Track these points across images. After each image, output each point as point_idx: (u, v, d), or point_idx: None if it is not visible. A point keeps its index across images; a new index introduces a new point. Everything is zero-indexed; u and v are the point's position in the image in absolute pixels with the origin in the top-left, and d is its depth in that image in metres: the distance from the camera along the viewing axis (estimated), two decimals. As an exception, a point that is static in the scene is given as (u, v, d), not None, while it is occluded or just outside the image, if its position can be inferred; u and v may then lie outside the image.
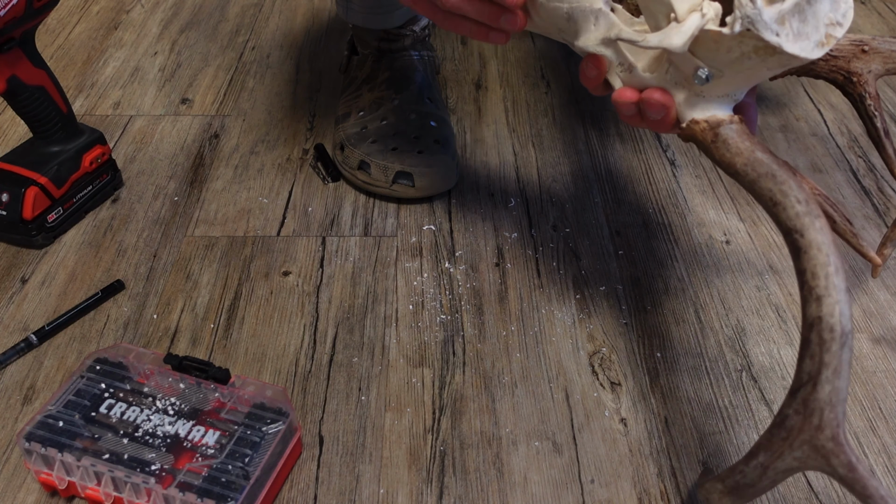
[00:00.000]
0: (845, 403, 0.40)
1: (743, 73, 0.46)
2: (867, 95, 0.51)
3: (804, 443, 0.41)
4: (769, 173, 0.45)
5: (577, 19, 0.51)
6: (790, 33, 0.44)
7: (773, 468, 0.42)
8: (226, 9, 1.12)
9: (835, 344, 0.40)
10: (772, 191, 0.45)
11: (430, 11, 0.55)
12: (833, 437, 0.40)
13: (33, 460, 0.52)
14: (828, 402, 0.40)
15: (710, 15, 0.45)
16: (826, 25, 0.44)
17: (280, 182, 0.81)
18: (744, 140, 0.47)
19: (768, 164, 0.45)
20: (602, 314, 0.67)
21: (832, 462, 0.40)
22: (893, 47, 0.53)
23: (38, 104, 0.70)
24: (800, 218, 0.43)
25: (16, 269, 0.71)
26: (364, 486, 0.54)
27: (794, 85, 0.97)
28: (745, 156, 0.46)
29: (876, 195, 0.80)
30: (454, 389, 0.61)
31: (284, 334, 0.65)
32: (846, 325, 0.40)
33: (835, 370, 0.40)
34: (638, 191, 0.80)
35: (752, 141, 0.46)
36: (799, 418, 0.41)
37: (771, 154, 0.46)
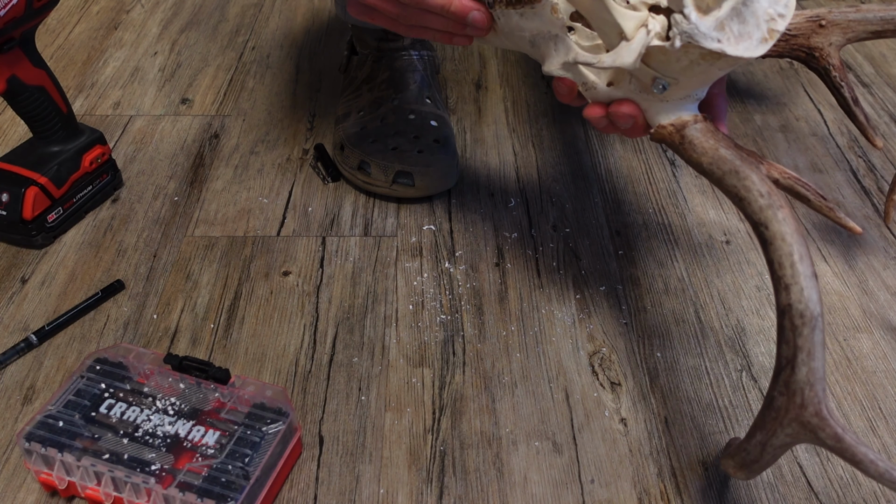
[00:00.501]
0: (824, 381, 0.43)
1: (696, 76, 0.48)
2: (831, 68, 0.52)
3: (792, 421, 0.43)
4: (732, 170, 0.47)
5: (539, 45, 0.53)
6: (731, 37, 0.45)
7: (770, 445, 0.45)
8: (226, 9, 1.12)
9: (806, 328, 0.43)
10: (736, 187, 0.47)
11: (392, 25, 0.55)
12: (816, 413, 0.43)
13: (33, 460, 0.52)
14: (806, 382, 0.43)
15: (655, 29, 0.47)
16: (767, 21, 0.46)
17: (280, 182, 0.81)
18: (708, 139, 0.48)
19: (731, 161, 0.47)
20: (602, 314, 0.67)
21: (820, 435, 0.43)
22: (850, 17, 0.54)
23: (38, 104, 0.70)
24: (763, 211, 0.45)
25: (16, 269, 0.71)
26: (364, 486, 0.54)
27: (794, 85, 0.97)
28: (710, 154, 0.48)
29: (876, 195, 0.80)
30: (454, 389, 0.61)
31: (284, 334, 0.65)
32: (814, 309, 0.43)
33: (809, 353, 0.43)
34: (638, 191, 0.80)
35: (716, 138, 0.48)
36: (783, 399, 0.44)
37: (735, 149, 0.47)
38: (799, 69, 1.00)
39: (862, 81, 0.98)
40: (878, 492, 0.54)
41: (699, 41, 0.45)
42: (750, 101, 0.94)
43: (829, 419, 0.43)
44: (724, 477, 0.55)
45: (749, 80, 0.98)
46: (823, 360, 0.43)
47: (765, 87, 0.96)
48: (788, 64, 1.01)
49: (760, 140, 0.88)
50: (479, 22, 0.52)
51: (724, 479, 0.55)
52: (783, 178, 0.49)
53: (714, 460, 0.56)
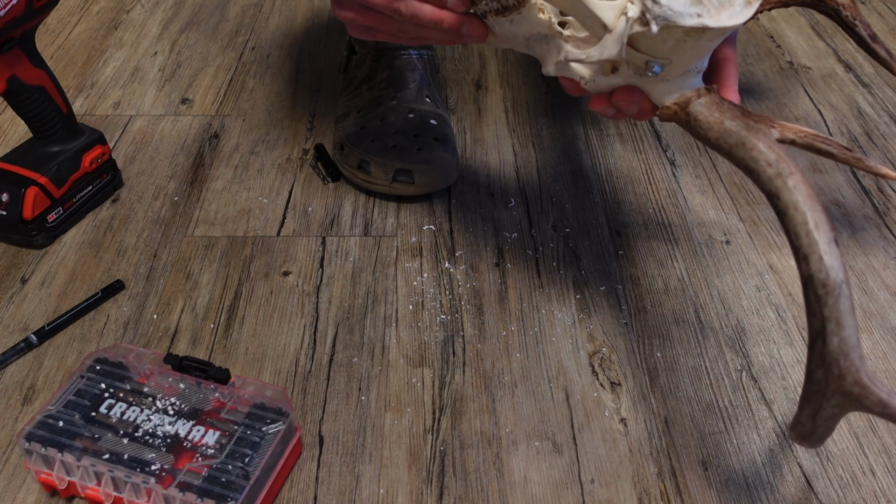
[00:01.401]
0: (859, 348, 0.41)
1: (688, 53, 0.46)
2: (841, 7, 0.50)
3: (834, 392, 0.42)
4: (738, 142, 0.46)
5: (533, 47, 0.53)
6: (710, 8, 0.44)
7: (820, 417, 0.44)
8: (226, 9, 1.12)
9: (830, 297, 0.41)
10: (745, 159, 0.45)
11: (393, 39, 0.57)
12: (857, 382, 0.41)
13: (33, 460, 0.52)
14: (840, 352, 0.41)
15: (634, 15, 0.45)
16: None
17: (280, 182, 0.81)
18: (713, 112, 0.47)
19: (736, 133, 0.46)
20: (602, 314, 0.67)
21: (864, 403, 0.41)
22: None
23: (38, 104, 0.70)
24: (772, 181, 0.44)
25: (16, 269, 0.71)
26: (364, 486, 0.54)
27: (794, 85, 0.97)
28: (716, 129, 0.47)
29: (876, 195, 0.80)
30: (454, 389, 0.61)
31: (284, 334, 0.65)
32: (836, 276, 0.41)
33: (837, 322, 0.41)
34: (638, 191, 0.80)
35: (721, 111, 0.47)
36: (821, 371, 0.42)
37: (742, 118, 0.46)
38: (799, 69, 1.00)
39: (862, 81, 0.98)
40: (879, 491, 0.54)
41: (676, 21, 0.43)
42: (750, 101, 0.94)
43: (871, 386, 0.41)
44: (724, 477, 0.55)
45: (749, 80, 0.98)
46: (855, 326, 0.41)
47: (765, 87, 0.96)
48: (788, 64, 1.01)
49: (760, 140, 0.87)
50: (473, 33, 0.53)
51: (725, 479, 0.55)
52: (799, 137, 0.47)
53: (714, 460, 0.56)
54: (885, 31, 1.09)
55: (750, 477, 0.55)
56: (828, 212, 0.43)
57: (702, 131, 0.47)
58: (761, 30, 1.08)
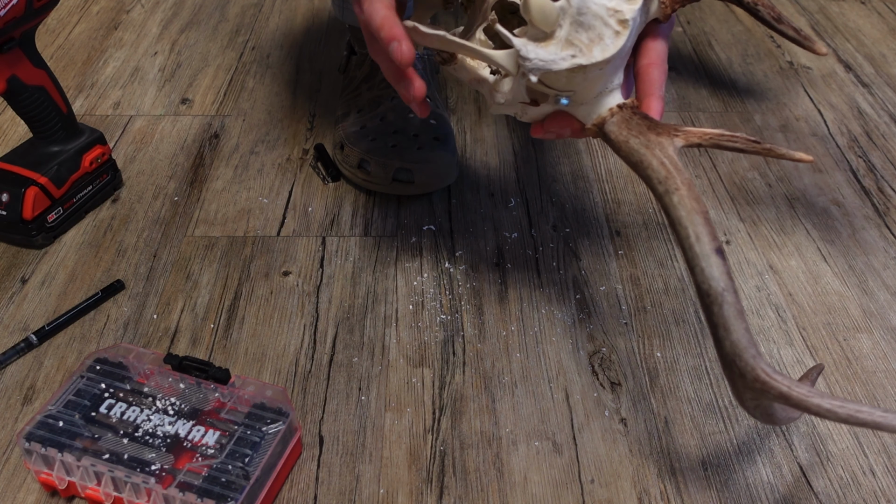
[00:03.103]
0: (753, 347, 0.44)
1: (584, 84, 0.48)
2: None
3: (746, 389, 0.45)
4: (638, 160, 0.48)
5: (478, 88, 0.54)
6: (582, 47, 0.46)
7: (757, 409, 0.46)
8: (226, 9, 1.12)
9: (714, 306, 0.44)
10: (643, 176, 0.48)
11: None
12: (756, 379, 0.43)
13: (33, 460, 0.52)
14: (734, 354, 0.44)
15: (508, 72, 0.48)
16: (611, 16, 0.46)
17: (280, 182, 0.81)
18: (622, 131, 0.49)
19: (637, 151, 0.48)
20: (602, 314, 0.67)
21: (770, 395, 0.43)
22: None
23: (38, 104, 0.70)
24: (662, 198, 0.46)
25: (16, 269, 0.71)
26: (364, 486, 0.54)
27: (794, 85, 0.97)
28: (624, 148, 0.49)
29: (876, 195, 0.80)
30: (454, 389, 0.61)
31: (284, 334, 0.65)
32: (716, 286, 0.44)
33: (725, 327, 0.44)
34: (638, 191, 0.80)
35: (629, 128, 0.48)
36: (728, 371, 0.45)
37: (645, 135, 0.48)
38: (799, 69, 1.00)
39: (862, 81, 0.98)
40: (879, 491, 0.54)
41: (551, 68, 0.46)
42: (750, 101, 0.94)
43: (770, 381, 0.43)
44: (724, 477, 0.55)
45: (749, 81, 0.98)
46: (745, 329, 0.44)
47: (765, 88, 0.96)
48: (788, 64, 1.01)
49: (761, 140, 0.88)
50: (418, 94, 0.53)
51: (724, 479, 0.55)
52: (705, 140, 0.48)
53: (714, 460, 0.56)
54: (886, 30, 1.09)
55: (750, 477, 0.55)
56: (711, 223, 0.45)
57: (615, 149, 0.49)
58: (761, 30, 1.08)
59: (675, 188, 0.46)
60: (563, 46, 0.46)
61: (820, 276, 0.71)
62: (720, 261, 0.44)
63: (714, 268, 0.44)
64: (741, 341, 0.44)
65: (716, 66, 1.01)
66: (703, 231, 0.45)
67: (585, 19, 0.46)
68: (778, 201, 0.79)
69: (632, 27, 0.46)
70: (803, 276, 0.71)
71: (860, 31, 1.09)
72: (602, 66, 0.47)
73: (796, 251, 0.74)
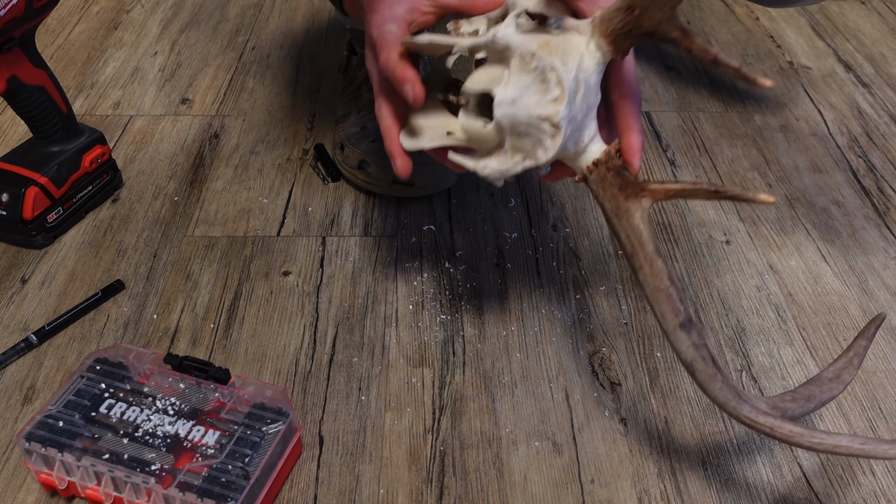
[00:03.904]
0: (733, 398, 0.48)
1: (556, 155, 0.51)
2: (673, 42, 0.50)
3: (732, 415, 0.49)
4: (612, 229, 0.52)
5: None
6: (527, 151, 0.50)
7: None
8: (226, 9, 1.12)
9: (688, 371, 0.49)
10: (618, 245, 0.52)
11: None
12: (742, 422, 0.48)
13: (33, 460, 0.52)
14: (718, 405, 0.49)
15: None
16: (543, 121, 0.48)
17: (280, 182, 0.81)
18: (599, 189, 0.52)
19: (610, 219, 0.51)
20: (602, 314, 0.67)
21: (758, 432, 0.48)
22: None
23: (38, 104, 0.70)
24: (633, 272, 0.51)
25: (16, 269, 0.71)
26: (364, 486, 0.54)
27: (794, 85, 0.97)
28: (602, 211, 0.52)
29: (876, 195, 0.80)
30: (454, 389, 0.61)
31: (284, 334, 0.65)
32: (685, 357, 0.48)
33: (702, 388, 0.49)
34: (638, 191, 0.80)
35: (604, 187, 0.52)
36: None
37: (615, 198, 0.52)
38: (799, 69, 1.00)
39: (862, 81, 0.98)
40: (879, 491, 0.54)
41: (507, 174, 0.51)
42: (750, 101, 0.94)
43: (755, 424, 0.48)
44: (724, 477, 0.55)
45: (749, 80, 0.98)
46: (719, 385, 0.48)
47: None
48: (788, 64, 1.01)
49: (760, 140, 0.88)
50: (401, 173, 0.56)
51: (724, 479, 0.55)
52: (670, 195, 0.50)
53: (714, 460, 0.56)
54: (886, 30, 1.09)
55: (750, 477, 0.55)
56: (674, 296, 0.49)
57: (598, 203, 0.52)
58: (761, 30, 1.08)
59: (638, 266, 0.49)
60: (512, 154, 0.50)
61: (820, 276, 0.71)
62: (685, 335, 0.48)
63: (680, 343, 0.48)
64: (718, 398, 0.48)
65: (716, 66, 1.01)
66: (666, 309, 0.48)
67: (522, 129, 0.49)
68: (778, 201, 0.79)
69: (565, 125, 0.49)
70: (803, 276, 0.71)
71: (860, 31, 1.09)
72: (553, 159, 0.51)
73: (796, 251, 0.74)
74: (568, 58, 0.48)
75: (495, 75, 0.49)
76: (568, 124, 0.49)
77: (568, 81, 0.47)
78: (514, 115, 0.48)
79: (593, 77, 0.49)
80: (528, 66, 0.48)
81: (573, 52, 0.48)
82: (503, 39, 0.48)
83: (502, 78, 0.49)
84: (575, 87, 0.48)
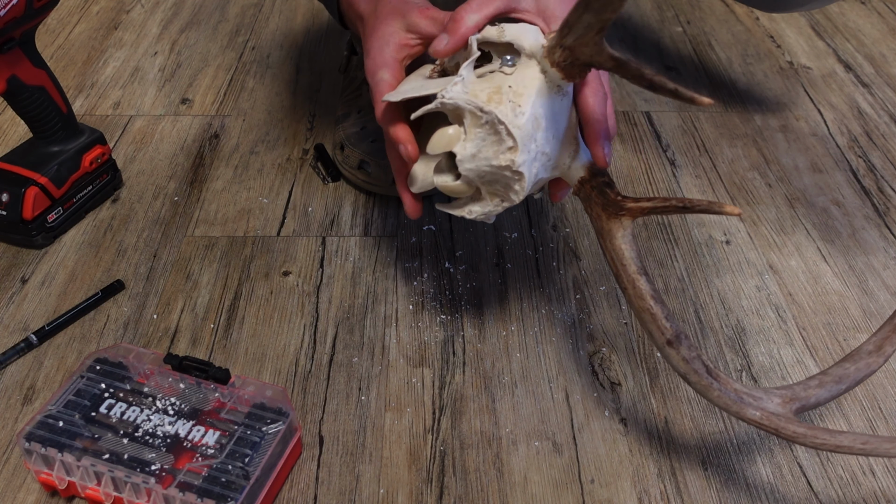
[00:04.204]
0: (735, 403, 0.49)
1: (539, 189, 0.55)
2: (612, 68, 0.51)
3: None
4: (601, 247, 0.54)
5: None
6: (503, 195, 0.53)
7: None
8: (226, 9, 1.12)
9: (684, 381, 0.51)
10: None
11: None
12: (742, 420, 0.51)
13: (33, 460, 0.52)
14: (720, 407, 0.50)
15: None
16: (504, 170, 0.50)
17: (280, 182, 0.81)
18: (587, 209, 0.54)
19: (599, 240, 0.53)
20: (602, 314, 0.67)
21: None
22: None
23: (38, 104, 0.70)
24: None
25: (16, 269, 0.71)
26: (364, 486, 0.54)
27: (794, 85, 0.97)
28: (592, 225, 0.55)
29: (876, 195, 0.80)
30: (454, 389, 0.61)
31: (284, 334, 0.65)
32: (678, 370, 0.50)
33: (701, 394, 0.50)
34: (638, 191, 0.80)
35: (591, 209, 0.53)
36: None
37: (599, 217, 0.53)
38: (799, 69, 1.00)
39: (862, 81, 0.98)
40: (879, 491, 0.54)
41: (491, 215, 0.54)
42: (750, 101, 0.94)
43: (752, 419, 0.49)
44: (724, 477, 0.55)
45: (749, 81, 0.98)
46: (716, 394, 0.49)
47: (765, 88, 0.96)
48: (788, 64, 1.01)
49: (760, 140, 0.88)
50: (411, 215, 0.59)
51: (724, 479, 0.55)
52: (646, 212, 0.51)
53: (714, 460, 0.56)
54: (886, 30, 1.09)
55: (750, 477, 0.55)
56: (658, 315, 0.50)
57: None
58: (761, 30, 1.08)
59: (623, 286, 0.51)
60: (491, 198, 0.54)
61: (820, 276, 0.71)
62: (674, 351, 0.49)
63: (670, 358, 0.50)
64: (718, 404, 0.49)
65: (716, 66, 1.01)
66: (653, 328, 0.50)
67: (489, 179, 0.52)
68: (778, 201, 0.79)
69: (527, 169, 0.51)
70: (803, 276, 0.71)
71: (860, 31, 1.09)
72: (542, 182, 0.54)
73: (796, 251, 0.74)
74: (521, 98, 0.50)
75: (453, 135, 0.52)
76: (532, 163, 0.51)
77: (520, 128, 0.49)
78: (477, 168, 0.51)
79: (557, 103, 0.51)
80: (479, 121, 0.50)
81: (528, 88, 0.50)
82: (451, 101, 0.50)
83: (460, 136, 0.51)
84: (532, 127, 0.50)
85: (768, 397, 0.49)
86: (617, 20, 1.09)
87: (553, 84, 0.50)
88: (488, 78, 0.51)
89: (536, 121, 0.50)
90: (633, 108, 0.93)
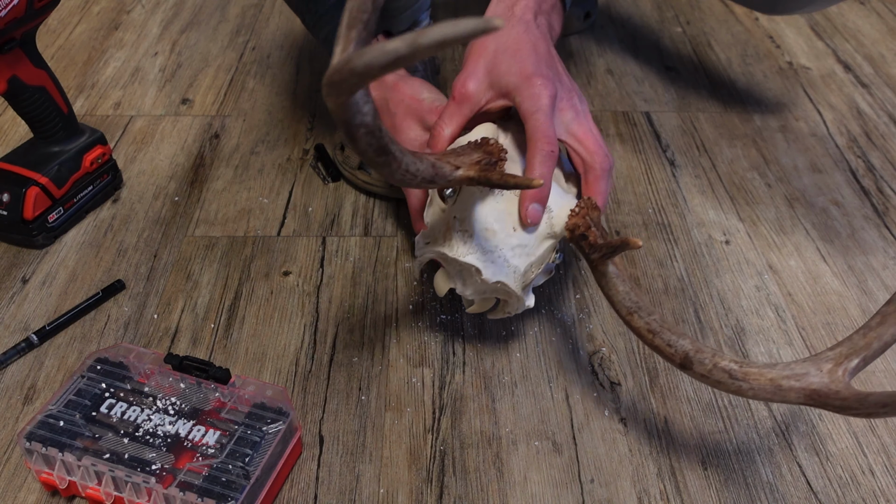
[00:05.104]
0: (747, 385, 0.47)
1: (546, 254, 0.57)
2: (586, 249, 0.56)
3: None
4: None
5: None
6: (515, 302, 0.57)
7: None
8: (226, 9, 1.12)
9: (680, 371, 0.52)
10: None
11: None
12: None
13: (34, 460, 0.52)
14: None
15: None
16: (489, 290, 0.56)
17: (280, 182, 0.81)
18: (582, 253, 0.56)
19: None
20: (602, 314, 0.67)
21: None
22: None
23: (39, 104, 0.70)
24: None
25: (16, 269, 0.71)
26: (364, 486, 0.54)
27: (793, 85, 0.97)
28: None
29: (875, 195, 0.80)
30: (454, 389, 0.61)
31: (285, 334, 0.65)
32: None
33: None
34: (638, 191, 0.80)
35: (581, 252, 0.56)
36: None
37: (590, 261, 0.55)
38: (798, 69, 1.00)
39: (861, 82, 0.98)
40: (878, 491, 0.55)
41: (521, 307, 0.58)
42: (750, 101, 0.94)
43: None
44: (724, 477, 0.55)
45: (749, 81, 0.98)
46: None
47: (764, 88, 0.97)
48: (788, 64, 1.01)
49: (760, 140, 0.88)
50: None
51: (724, 479, 0.55)
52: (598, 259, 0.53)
53: (714, 460, 0.56)
54: (885, 30, 1.09)
55: (750, 477, 0.55)
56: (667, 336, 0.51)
57: None
58: (761, 30, 1.09)
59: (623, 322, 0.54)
60: (503, 306, 0.59)
61: (819, 276, 0.71)
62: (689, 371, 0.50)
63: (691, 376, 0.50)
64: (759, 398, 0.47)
65: (715, 66, 1.01)
66: (663, 356, 0.52)
67: (490, 294, 0.58)
68: (777, 201, 0.79)
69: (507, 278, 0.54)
70: (803, 276, 0.71)
71: (859, 31, 1.09)
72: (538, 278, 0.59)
73: (796, 251, 0.74)
74: (465, 223, 0.54)
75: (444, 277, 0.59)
76: (506, 265, 0.54)
77: (473, 252, 0.54)
78: (476, 292, 0.57)
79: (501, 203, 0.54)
80: (453, 267, 0.57)
81: (469, 208, 0.54)
82: (424, 259, 0.58)
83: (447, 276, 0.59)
84: (484, 241, 0.54)
85: (815, 367, 0.44)
86: (617, 20, 1.10)
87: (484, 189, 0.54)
88: (441, 217, 0.56)
89: (488, 231, 0.54)
90: (632, 108, 0.93)
